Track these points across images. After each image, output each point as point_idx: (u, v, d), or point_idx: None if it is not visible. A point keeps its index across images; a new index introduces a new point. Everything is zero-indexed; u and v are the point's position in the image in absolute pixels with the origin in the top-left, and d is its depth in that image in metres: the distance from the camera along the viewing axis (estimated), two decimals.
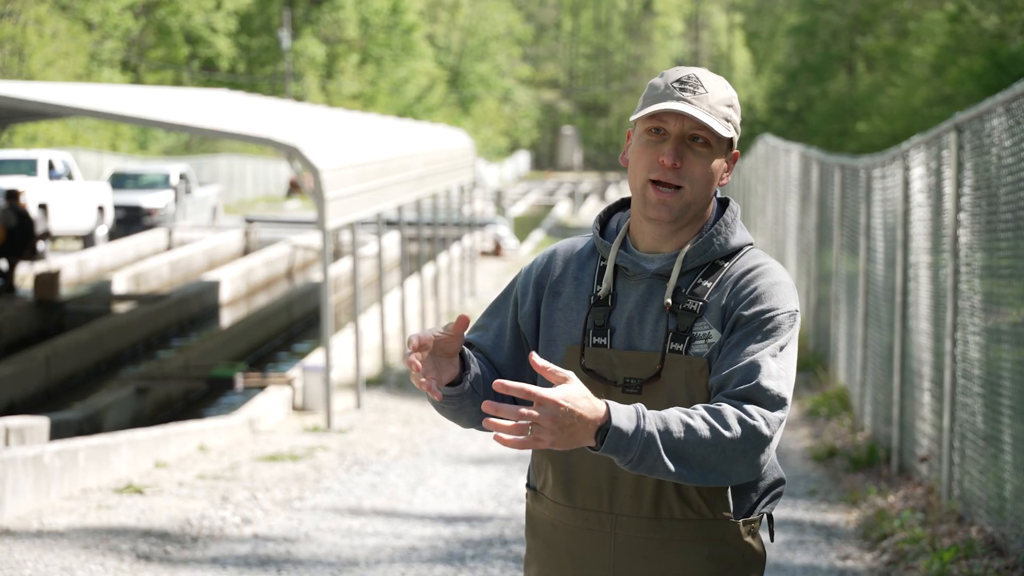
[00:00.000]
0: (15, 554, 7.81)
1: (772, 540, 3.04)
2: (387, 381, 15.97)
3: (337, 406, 13.75)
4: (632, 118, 2.92)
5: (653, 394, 2.87)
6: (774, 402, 2.76)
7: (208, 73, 53.38)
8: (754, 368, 2.77)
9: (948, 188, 8.52)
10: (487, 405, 2.61)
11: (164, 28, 50.68)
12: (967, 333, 8.03)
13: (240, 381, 15.53)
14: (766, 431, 2.74)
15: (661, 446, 2.68)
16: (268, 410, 13.52)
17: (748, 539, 2.94)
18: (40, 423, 12.85)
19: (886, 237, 10.91)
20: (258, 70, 58.10)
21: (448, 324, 2.82)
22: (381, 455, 11.66)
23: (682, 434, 2.69)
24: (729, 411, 2.73)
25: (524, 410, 2.59)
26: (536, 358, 2.63)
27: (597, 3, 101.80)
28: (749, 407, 2.74)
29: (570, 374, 2.63)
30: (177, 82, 50.47)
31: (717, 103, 2.88)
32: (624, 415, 2.66)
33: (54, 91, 15.36)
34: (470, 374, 2.92)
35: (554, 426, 2.60)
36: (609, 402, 2.67)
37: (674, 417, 2.70)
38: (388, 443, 12.25)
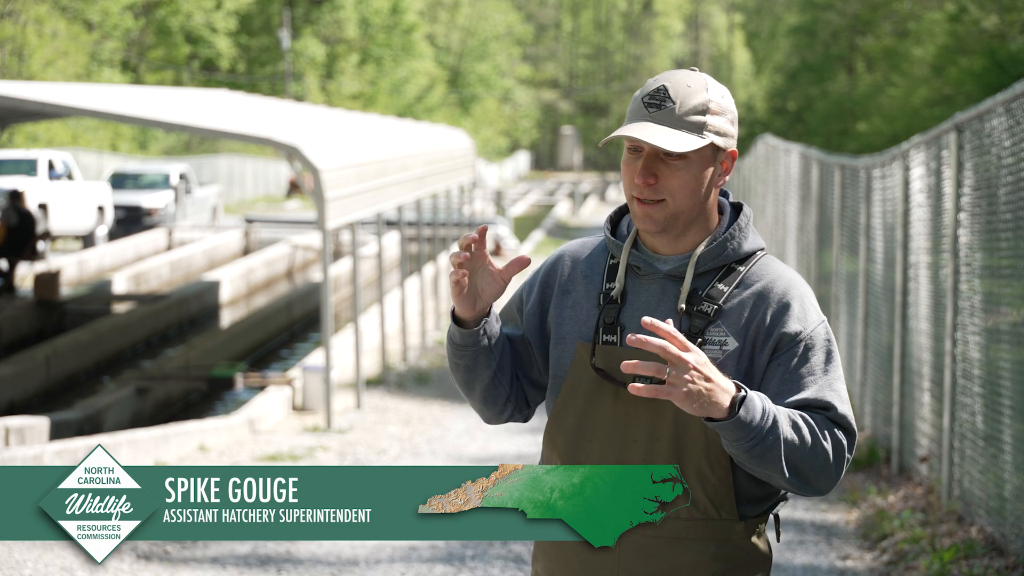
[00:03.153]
0: (15, 554, 7.81)
1: (779, 540, 3.06)
2: (387, 381, 15.97)
3: (337, 406, 13.75)
4: (600, 143, 2.95)
5: None
6: (849, 432, 2.88)
7: (208, 73, 53.38)
8: (828, 399, 2.87)
9: (948, 188, 8.53)
10: (631, 339, 2.65)
11: (164, 28, 50.68)
12: (967, 333, 8.03)
13: (240, 381, 15.53)
14: (846, 455, 2.86)
15: (781, 430, 2.76)
16: (268, 410, 13.52)
17: (754, 539, 2.95)
18: (40, 423, 12.85)
19: (886, 237, 10.91)
20: (258, 70, 58.10)
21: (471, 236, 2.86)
22: (381, 455, 11.66)
23: (790, 431, 2.78)
24: (825, 422, 2.84)
25: (665, 368, 2.65)
26: (646, 318, 2.67)
27: (597, 3, 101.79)
28: (837, 429, 2.86)
29: (689, 344, 2.69)
30: (177, 82, 50.47)
31: (687, 113, 2.87)
32: (754, 392, 2.75)
33: (54, 91, 15.35)
34: (488, 324, 2.97)
35: (688, 386, 2.66)
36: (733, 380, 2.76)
37: (783, 411, 2.79)
38: (388, 443, 12.26)
